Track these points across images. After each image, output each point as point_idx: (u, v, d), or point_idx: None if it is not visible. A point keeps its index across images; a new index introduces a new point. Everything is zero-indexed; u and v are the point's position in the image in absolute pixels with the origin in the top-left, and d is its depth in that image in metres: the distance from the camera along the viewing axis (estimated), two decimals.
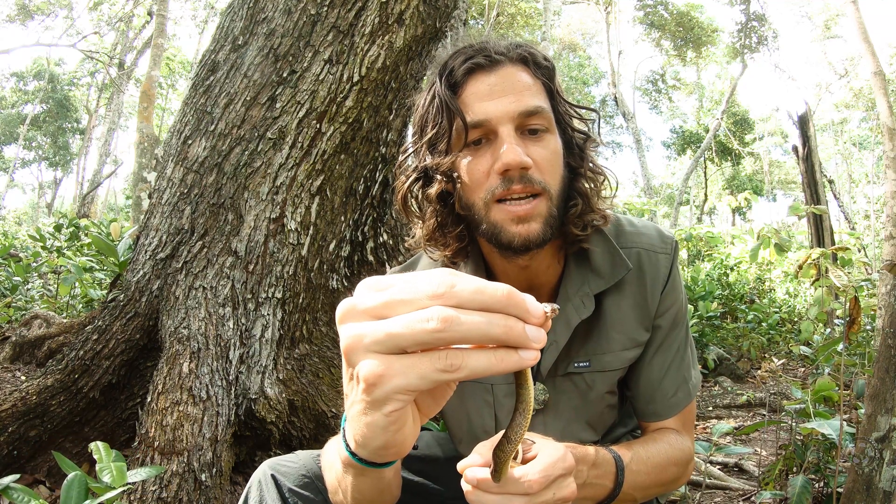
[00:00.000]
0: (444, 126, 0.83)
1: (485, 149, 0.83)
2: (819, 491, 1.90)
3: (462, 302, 0.39)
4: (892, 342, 1.52)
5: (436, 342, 0.39)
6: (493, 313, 0.39)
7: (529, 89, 0.83)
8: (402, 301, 0.40)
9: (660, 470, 0.86)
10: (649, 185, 19.03)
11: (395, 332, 0.40)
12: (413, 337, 0.39)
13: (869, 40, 7.35)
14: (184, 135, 2.10)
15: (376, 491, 0.70)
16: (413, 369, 0.40)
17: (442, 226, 0.89)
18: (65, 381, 1.88)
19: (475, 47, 0.85)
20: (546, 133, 0.83)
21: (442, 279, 0.40)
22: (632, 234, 0.94)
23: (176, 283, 1.94)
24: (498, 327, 0.39)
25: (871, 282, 4.71)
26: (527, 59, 0.85)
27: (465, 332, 0.39)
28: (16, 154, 23.98)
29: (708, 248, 7.46)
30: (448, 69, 0.85)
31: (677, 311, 0.93)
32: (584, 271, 0.91)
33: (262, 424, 1.78)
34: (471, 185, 0.83)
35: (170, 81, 22.64)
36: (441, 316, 0.38)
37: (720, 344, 4.98)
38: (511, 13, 18.48)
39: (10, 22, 19.41)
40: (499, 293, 0.40)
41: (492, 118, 0.80)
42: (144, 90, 8.03)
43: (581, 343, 0.92)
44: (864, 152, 24.11)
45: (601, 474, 0.77)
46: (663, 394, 0.93)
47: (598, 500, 0.79)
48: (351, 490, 0.69)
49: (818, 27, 23.29)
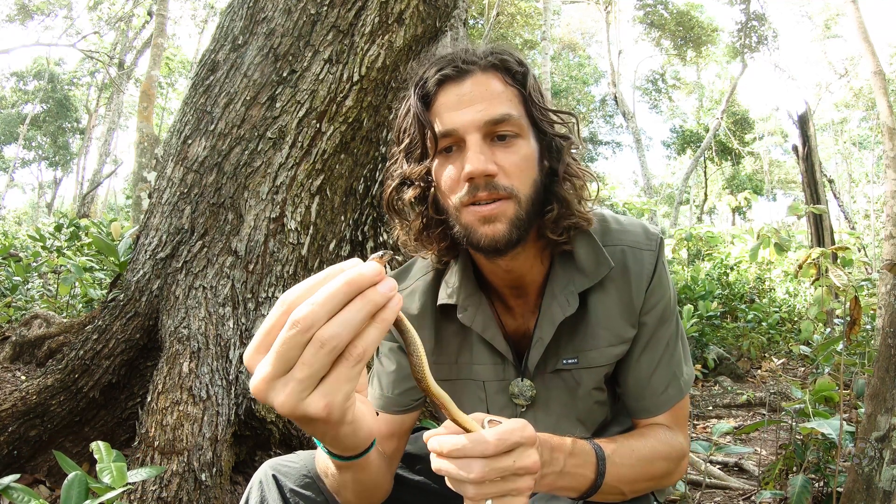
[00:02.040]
0: (416, 136, 0.88)
1: (455, 156, 0.86)
2: (819, 490, 1.90)
3: (328, 313, 0.47)
4: (892, 342, 1.52)
5: (337, 354, 0.48)
6: (351, 302, 0.47)
7: (499, 97, 0.85)
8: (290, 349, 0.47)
9: (646, 463, 0.86)
10: (649, 185, 19.03)
11: (309, 374, 0.47)
12: (323, 365, 0.47)
13: (869, 40, 7.35)
14: (184, 134, 2.10)
15: (365, 476, 0.80)
16: (339, 381, 0.49)
17: (426, 227, 0.93)
18: (65, 381, 1.88)
19: (447, 58, 0.88)
20: (516, 139, 0.85)
21: (300, 315, 0.46)
22: (617, 231, 0.95)
23: (176, 282, 1.94)
24: (364, 308, 0.47)
25: (871, 281, 4.71)
26: (498, 66, 0.87)
27: (350, 332, 0.47)
28: (16, 154, 23.98)
29: (708, 248, 7.46)
30: (422, 80, 0.88)
31: (664, 307, 0.94)
32: (570, 270, 0.92)
33: (263, 424, 1.78)
34: (444, 191, 0.87)
35: (169, 81, 22.65)
36: (324, 338, 0.46)
37: (720, 343, 4.99)
38: (511, 13, 18.47)
39: (10, 22, 19.41)
40: (342, 285, 0.47)
41: (459, 128, 0.83)
42: (144, 90, 8.03)
43: (568, 340, 0.94)
44: (864, 152, 24.11)
45: (580, 463, 0.78)
46: (653, 390, 0.94)
47: (581, 490, 0.80)
48: (345, 486, 0.82)
49: (818, 27, 23.29)
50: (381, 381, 1.00)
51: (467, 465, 0.62)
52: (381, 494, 0.91)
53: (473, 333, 0.97)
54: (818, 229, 5.86)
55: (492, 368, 0.97)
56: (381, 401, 1.00)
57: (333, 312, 0.47)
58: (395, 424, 0.99)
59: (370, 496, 0.88)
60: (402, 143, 0.91)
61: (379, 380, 1.01)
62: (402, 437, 1.01)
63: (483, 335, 0.95)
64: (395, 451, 0.99)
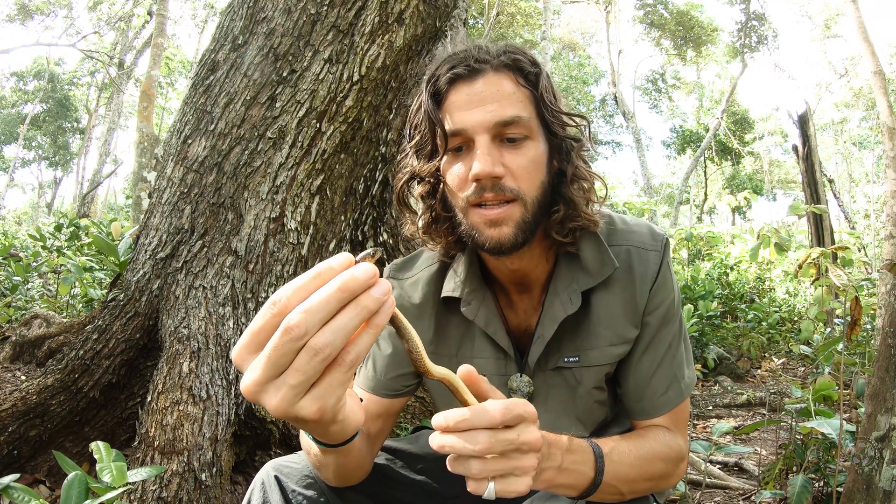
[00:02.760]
0: (427, 133, 0.88)
1: (465, 155, 0.86)
2: (819, 490, 1.90)
3: (321, 321, 0.46)
4: (892, 341, 1.52)
5: (330, 360, 0.47)
6: (345, 307, 0.46)
7: (509, 98, 0.85)
8: (282, 355, 0.46)
9: (644, 463, 0.86)
10: (649, 185, 19.01)
11: (302, 381, 0.47)
12: (316, 372, 0.47)
13: (869, 40, 7.35)
14: (184, 134, 2.10)
15: (348, 460, 0.84)
16: (332, 386, 0.49)
17: (434, 221, 0.94)
18: (65, 381, 1.88)
19: (460, 55, 0.88)
20: (525, 141, 0.85)
21: (294, 321, 0.45)
22: (623, 231, 0.95)
23: (176, 282, 1.94)
24: (358, 315, 0.47)
25: (871, 281, 4.71)
26: (511, 65, 0.87)
27: (343, 339, 0.46)
28: (16, 154, 23.97)
29: (708, 248, 7.46)
30: (434, 77, 0.88)
31: (668, 308, 0.94)
32: (574, 269, 0.93)
33: (263, 424, 1.79)
34: (452, 189, 0.88)
35: (169, 81, 22.64)
36: (318, 346, 0.46)
37: (720, 343, 4.99)
38: (511, 12, 18.46)
39: (10, 22, 19.41)
40: (334, 290, 0.46)
41: (468, 128, 0.84)
42: (144, 90, 8.03)
43: (570, 338, 0.94)
44: (864, 152, 24.10)
45: (578, 460, 0.78)
46: (653, 391, 0.93)
47: (580, 488, 0.80)
48: (329, 467, 0.86)
49: (818, 26, 23.28)
50: (375, 363, 1.01)
51: (473, 437, 0.61)
52: (360, 475, 0.94)
53: (476, 327, 0.97)
54: (818, 229, 5.86)
55: (493, 363, 0.97)
56: (373, 382, 1.00)
57: (326, 320, 0.46)
58: (383, 407, 1.00)
59: (350, 477, 0.92)
60: (413, 140, 0.92)
61: (374, 361, 1.01)
62: (388, 419, 1.01)
63: (485, 329, 0.96)
64: (380, 432, 1.00)
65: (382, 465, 1.04)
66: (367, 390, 1.00)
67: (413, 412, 2.15)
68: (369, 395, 1.00)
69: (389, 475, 1.05)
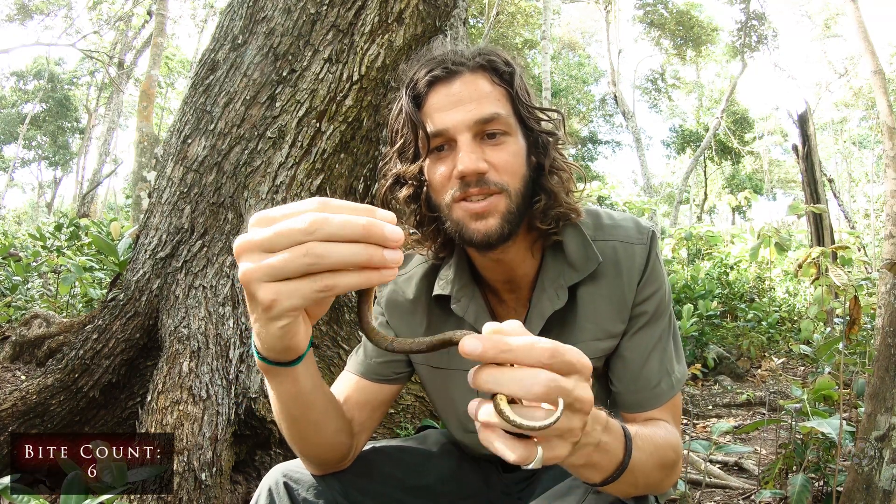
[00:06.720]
0: (409, 136, 0.91)
1: (447, 155, 0.89)
2: (819, 490, 1.90)
3: (331, 235, 0.49)
4: (892, 341, 1.52)
5: (313, 270, 0.50)
6: (357, 243, 0.50)
7: (487, 96, 0.88)
8: (283, 236, 0.50)
9: (661, 451, 0.83)
10: (649, 184, 19.02)
11: (279, 267, 0.51)
12: (295, 270, 0.50)
13: (869, 39, 7.34)
14: (183, 134, 2.10)
15: (296, 397, 0.76)
16: (298, 292, 0.52)
17: (420, 224, 0.96)
18: (65, 381, 1.88)
19: (437, 59, 0.91)
20: (505, 136, 0.88)
21: (314, 218, 0.50)
22: (609, 227, 0.96)
23: (176, 282, 1.94)
24: (360, 256, 0.50)
25: (871, 281, 4.71)
26: (486, 66, 0.90)
27: (333, 262, 0.50)
28: (16, 153, 23.96)
29: (708, 247, 7.46)
30: (413, 82, 0.91)
31: (658, 301, 0.94)
32: (560, 264, 0.94)
33: (263, 423, 1.78)
34: (436, 188, 0.90)
35: (169, 81, 22.63)
36: (314, 252, 0.49)
37: (720, 343, 4.98)
38: (511, 12, 18.47)
39: (10, 21, 19.40)
40: (359, 225, 0.50)
41: (450, 127, 0.87)
42: (144, 89, 8.03)
43: (557, 333, 0.94)
44: (863, 151, 24.12)
45: (612, 441, 0.69)
46: (646, 383, 0.93)
47: (609, 471, 0.71)
48: (277, 402, 0.77)
49: (818, 26, 23.28)
50: (365, 348, 1.03)
51: (533, 377, 0.49)
52: (322, 440, 0.86)
53: (466, 324, 0.98)
54: (818, 228, 5.85)
55: None
56: (363, 366, 1.02)
57: (336, 239, 0.49)
58: (371, 393, 1.00)
59: (306, 432, 0.83)
60: (396, 144, 0.94)
61: (364, 347, 1.04)
62: (376, 409, 1.01)
63: (475, 326, 0.96)
64: (366, 421, 0.99)
65: (388, 468, 1.04)
66: (356, 374, 1.02)
67: (413, 412, 2.15)
68: (358, 380, 1.01)
69: (397, 475, 1.04)
